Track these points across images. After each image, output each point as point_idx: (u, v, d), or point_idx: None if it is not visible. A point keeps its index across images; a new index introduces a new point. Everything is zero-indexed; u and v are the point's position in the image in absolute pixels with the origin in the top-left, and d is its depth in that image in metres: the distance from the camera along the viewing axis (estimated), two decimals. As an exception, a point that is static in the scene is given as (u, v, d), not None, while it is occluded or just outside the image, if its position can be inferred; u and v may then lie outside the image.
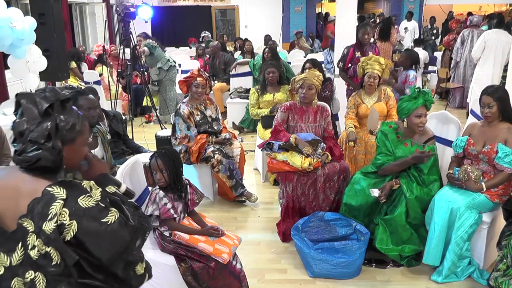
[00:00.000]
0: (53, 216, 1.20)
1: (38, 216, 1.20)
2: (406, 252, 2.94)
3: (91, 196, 1.26)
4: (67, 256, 1.22)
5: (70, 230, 1.21)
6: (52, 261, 1.22)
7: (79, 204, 1.23)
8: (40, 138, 1.27)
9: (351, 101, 4.04)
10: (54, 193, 1.22)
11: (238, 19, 13.17)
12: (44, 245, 1.21)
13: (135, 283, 1.33)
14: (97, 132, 2.99)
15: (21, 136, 1.30)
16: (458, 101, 7.59)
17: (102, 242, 1.23)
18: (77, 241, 1.22)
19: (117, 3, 8.72)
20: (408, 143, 3.00)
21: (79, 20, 10.37)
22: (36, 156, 1.26)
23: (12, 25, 4.31)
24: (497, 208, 2.84)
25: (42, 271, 1.23)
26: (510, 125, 2.88)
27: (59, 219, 1.20)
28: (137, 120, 6.80)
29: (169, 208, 2.49)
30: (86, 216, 1.23)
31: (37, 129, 1.27)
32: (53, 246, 1.21)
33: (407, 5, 12.51)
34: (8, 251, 1.22)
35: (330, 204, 3.33)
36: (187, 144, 3.85)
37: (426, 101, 2.95)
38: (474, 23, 7.33)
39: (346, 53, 4.86)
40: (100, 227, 1.23)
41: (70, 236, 1.21)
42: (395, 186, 2.97)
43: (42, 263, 1.22)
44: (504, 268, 2.50)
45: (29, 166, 1.28)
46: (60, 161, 1.31)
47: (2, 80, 5.55)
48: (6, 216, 1.24)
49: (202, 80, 3.88)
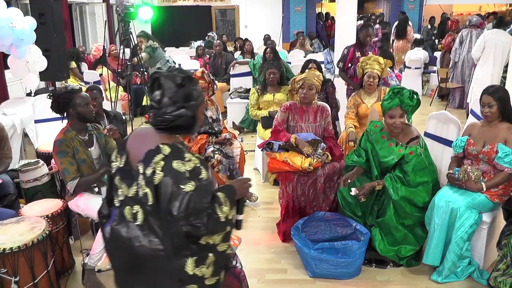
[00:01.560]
0: (153, 164, 1.54)
1: (146, 162, 1.55)
2: (403, 253, 2.95)
3: (184, 165, 1.54)
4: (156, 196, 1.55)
5: (157, 178, 1.52)
6: (148, 201, 1.55)
7: (172, 164, 1.53)
8: (181, 100, 1.61)
9: (351, 101, 4.05)
10: (162, 149, 1.56)
11: (238, 19, 13.16)
12: (146, 186, 1.55)
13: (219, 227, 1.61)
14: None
15: (158, 104, 1.61)
16: (458, 101, 7.59)
17: (172, 200, 1.51)
18: (156, 189, 1.53)
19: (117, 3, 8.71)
20: (392, 143, 2.99)
21: (79, 20, 10.37)
22: (177, 114, 1.61)
23: (12, 25, 4.31)
24: (497, 208, 2.84)
25: (142, 207, 1.58)
26: (510, 125, 2.88)
27: (155, 167, 1.53)
28: (137, 120, 6.80)
29: None
30: (172, 175, 1.52)
31: (176, 94, 1.61)
32: (148, 188, 1.54)
33: (407, 5, 12.49)
34: (128, 185, 1.62)
35: (330, 204, 3.33)
36: (187, 144, 3.85)
37: (402, 103, 2.87)
38: (473, 23, 7.32)
39: (346, 53, 4.86)
40: (175, 189, 1.51)
41: (156, 183, 1.53)
42: (378, 187, 2.96)
43: (143, 200, 1.56)
44: (504, 267, 2.50)
45: (166, 125, 1.62)
46: (194, 119, 1.67)
47: (2, 80, 5.54)
48: (134, 158, 1.64)
49: (203, 83, 3.88)
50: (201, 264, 1.62)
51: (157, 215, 1.56)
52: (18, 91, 5.83)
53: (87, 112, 2.89)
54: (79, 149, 2.84)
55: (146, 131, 1.71)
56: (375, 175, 3.03)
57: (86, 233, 3.47)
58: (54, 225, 2.84)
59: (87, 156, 2.87)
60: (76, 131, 2.87)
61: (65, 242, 2.98)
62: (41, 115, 4.31)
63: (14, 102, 5.12)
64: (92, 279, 2.78)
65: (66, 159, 2.75)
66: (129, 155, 1.68)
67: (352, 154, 3.18)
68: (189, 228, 1.53)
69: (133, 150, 1.67)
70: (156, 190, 1.54)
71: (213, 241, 1.64)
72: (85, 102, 2.88)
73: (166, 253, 1.57)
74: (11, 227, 2.57)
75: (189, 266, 1.60)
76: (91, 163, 2.89)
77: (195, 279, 1.61)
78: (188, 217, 1.52)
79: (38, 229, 2.54)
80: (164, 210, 1.53)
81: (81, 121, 2.90)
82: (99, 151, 3.00)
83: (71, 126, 2.88)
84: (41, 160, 3.44)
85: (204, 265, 1.62)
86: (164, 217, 1.54)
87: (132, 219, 1.61)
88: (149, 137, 1.64)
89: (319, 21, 13.13)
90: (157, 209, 1.55)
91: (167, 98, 1.60)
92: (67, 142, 2.79)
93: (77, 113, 2.86)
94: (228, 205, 1.63)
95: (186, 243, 1.59)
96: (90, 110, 2.91)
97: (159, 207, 1.55)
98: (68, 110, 2.85)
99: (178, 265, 1.59)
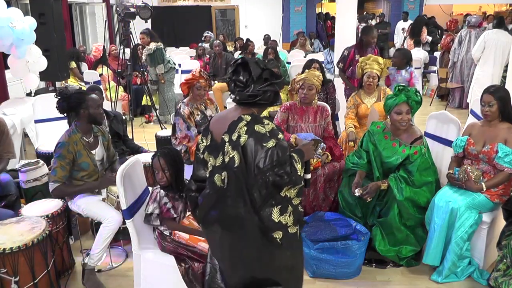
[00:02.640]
0: (238, 129, 1.84)
1: (231, 130, 1.85)
2: (403, 254, 2.95)
3: (263, 127, 1.85)
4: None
5: (243, 140, 1.82)
6: (235, 164, 1.81)
7: (254, 127, 1.84)
8: (270, 76, 1.91)
9: (351, 101, 4.04)
10: (244, 117, 1.86)
11: (238, 19, 13.16)
12: (232, 151, 1.83)
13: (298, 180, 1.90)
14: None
15: (245, 83, 1.90)
16: (457, 101, 7.59)
17: (258, 156, 1.80)
18: (243, 150, 1.81)
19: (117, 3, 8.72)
20: (396, 143, 2.99)
21: (79, 20, 10.36)
22: (266, 89, 1.90)
23: (12, 25, 4.31)
24: (497, 208, 2.84)
25: (229, 171, 1.84)
26: (510, 125, 2.87)
27: (240, 132, 1.83)
28: (137, 120, 6.80)
29: (169, 207, 2.50)
30: (255, 136, 1.83)
31: (263, 75, 1.89)
32: (236, 150, 1.81)
33: (407, 5, 12.49)
34: (215, 157, 1.92)
35: (330, 204, 3.33)
36: (187, 144, 3.85)
37: (408, 99, 2.91)
38: (472, 23, 7.32)
39: (346, 54, 4.85)
40: (259, 147, 1.81)
41: (242, 144, 1.81)
42: (383, 186, 2.97)
43: (230, 165, 1.83)
44: (504, 268, 2.50)
45: (253, 99, 1.90)
46: (277, 94, 1.95)
47: (2, 80, 5.55)
48: (218, 134, 1.93)
49: (203, 82, 3.89)
50: (284, 212, 1.90)
51: (244, 175, 1.82)
52: (18, 91, 5.84)
53: (98, 114, 2.93)
54: (82, 153, 2.83)
55: (225, 112, 2.06)
56: (377, 176, 3.02)
57: (86, 233, 3.47)
58: (54, 225, 2.84)
59: (90, 159, 2.87)
60: (81, 133, 2.87)
61: (65, 242, 2.98)
62: (41, 115, 4.32)
63: (14, 102, 5.12)
64: (92, 279, 2.78)
65: (61, 162, 2.75)
66: (212, 133, 2.00)
67: (353, 155, 3.18)
68: (275, 178, 1.81)
69: (216, 128, 1.99)
70: (242, 151, 1.82)
71: (290, 195, 1.92)
72: (97, 104, 2.93)
73: (254, 208, 1.84)
74: (11, 227, 2.57)
75: (275, 214, 1.88)
76: (94, 166, 2.90)
77: (280, 226, 1.89)
78: (273, 168, 1.81)
79: (38, 229, 2.54)
80: (251, 166, 1.81)
81: (90, 123, 2.92)
82: (103, 153, 3.01)
83: (77, 127, 2.88)
84: (41, 160, 3.44)
85: (286, 214, 1.90)
86: (251, 174, 1.81)
87: (221, 184, 1.88)
88: (230, 114, 1.96)
89: (319, 21, 13.14)
90: (244, 169, 1.82)
91: (255, 78, 1.89)
92: (70, 146, 2.78)
93: (89, 114, 2.87)
94: (300, 163, 1.93)
95: (272, 194, 1.86)
96: (100, 112, 2.96)
97: (246, 167, 1.82)
98: (80, 111, 2.85)
99: (266, 214, 1.86)
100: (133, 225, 2.50)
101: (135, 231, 2.51)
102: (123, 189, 2.43)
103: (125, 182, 2.44)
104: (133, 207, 2.53)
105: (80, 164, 2.83)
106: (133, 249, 2.56)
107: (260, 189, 1.83)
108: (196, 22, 12.80)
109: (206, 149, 2.01)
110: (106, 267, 3.04)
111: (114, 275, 3.00)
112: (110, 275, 3.00)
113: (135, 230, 2.51)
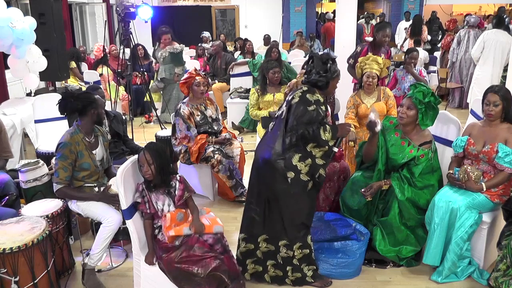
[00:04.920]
0: (295, 94, 2.66)
1: (291, 93, 2.71)
2: (403, 254, 2.95)
3: (312, 97, 2.61)
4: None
5: (294, 101, 2.62)
6: (283, 115, 2.66)
7: (306, 95, 2.62)
8: (322, 71, 2.66)
9: (351, 101, 4.04)
10: (303, 87, 2.69)
11: (238, 19, 13.16)
12: (285, 106, 2.67)
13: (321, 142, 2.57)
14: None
15: (309, 72, 2.69)
16: (457, 101, 7.59)
17: (301, 114, 2.56)
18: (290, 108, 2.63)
19: (117, 3, 8.70)
20: (405, 142, 2.98)
21: (79, 20, 10.36)
22: (320, 79, 2.66)
23: (12, 25, 4.32)
24: (497, 208, 2.84)
25: (277, 120, 2.71)
26: (510, 125, 2.87)
27: (295, 95, 2.65)
28: (137, 120, 6.80)
29: (145, 201, 2.53)
30: (302, 99, 2.61)
31: (321, 68, 2.65)
32: (286, 107, 2.65)
33: (407, 5, 12.49)
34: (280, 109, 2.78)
35: (330, 204, 3.33)
36: (187, 144, 3.85)
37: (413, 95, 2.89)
38: (471, 23, 7.32)
39: (359, 51, 4.79)
40: (303, 107, 2.57)
41: (292, 103, 2.62)
42: (385, 186, 2.96)
43: (281, 116, 2.68)
44: (504, 268, 2.50)
45: (311, 83, 2.68)
46: (328, 85, 2.70)
47: (2, 80, 5.55)
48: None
49: (201, 78, 3.90)
50: (302, 161, 2.57)
51: (283, 124, 2.61)
52: (18, 91, 5.84)
53: (102, 114, 2.98)
54: (84, 153, 2.83)
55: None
56: (378, 168, 3.02)
57: (86, 233, 3.47)
58: (54, 225, 2.84)
59: (91, 160, 2.87)
60: (84, 133, 2.87)
61: (65, 242, 2.98)
62: (41, 115, 4.31)
63: (14, 102, 5.12)
64: (92, 279, 2.78)
65: (63, 163, 2.75)
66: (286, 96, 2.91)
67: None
68: (303, 131, 2.52)
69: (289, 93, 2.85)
70: (290, 107, 2.61)
71: (314, 153, 2.58)
72: (102, 106, 2.97)
73: (283, 148, 2.59)
74: (11, 227, 2.56)
75: (295, 158, 2.56)
76: (95, 167, 2.90)
77: (295, 168, 2.57)
78: (306, 124, 2.53)
79: (38, 229, 2.53)
80: (292, 119, 2.57)
81: (95, 123, 2.93)
82: (103, 154, 3.01)
83: (80, 127, 2.88)
84: (41, 160, 3.44)
85: (303, 163, 2.57)
86: (290, 124, 2.56)
87: (270, 130, 2.76)
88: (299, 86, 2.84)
89: (319, 21, 13.14)
90: (285, 120, 2.60)
91: (316, 69, 2.65)
92: (72, 146, 2.78)
93: (98, 114, 2.88)
94: (330, 134, 2.55)
95: (298, 143, 2.55)
96: (104, 112, 3.02)
97: (287, 118, 2.60)
98: (90, 111, 2.85)
99: (289, 156, 2.57)
100: (133, 225, 2.50)
101: (135, 231, 2.51)
102: (123, 189, 2.43)
103: (125, 182, 2.44)
104: (133, 207, 2.53)
105: (82, 164, 2.82)
106: (133, 249, 2.57)
107: (291, 136, 2.55)
108: (196, 22, 12.79)
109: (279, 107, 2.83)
110: (106, 267, 3.04)
111: (114, 275, 3.00)
112: (110, 275, 3.00)
113: (135, 230, 2.51)
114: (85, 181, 2.88)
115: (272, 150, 2.61)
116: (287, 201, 2.62)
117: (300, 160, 2.55)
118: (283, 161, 2.56)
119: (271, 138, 2.67)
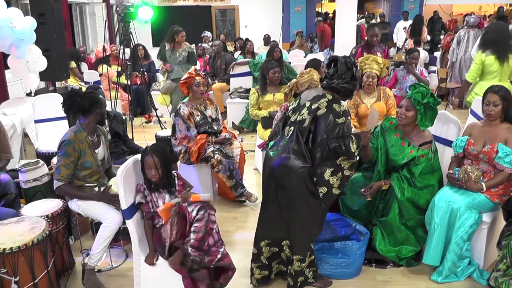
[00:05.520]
0: (319, 102, 2.49)
1: (313, 100, 2.52)
2: (403, 254, 2.95)
3: (339, 107, 2.48)
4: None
5: (320, 112, 2.46)
6: (304, 124, 2.50)
7: (332, 105, 2.47)
8: (347, 77, 2.53)
9: (351, 101, 4.05)
10: (327, 95, 2.51)
11: (238, 19, 13.16)
12: (307, 114, 2.50)
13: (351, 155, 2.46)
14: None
15: (332, 76, 2.54)
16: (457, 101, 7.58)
17: (331, 126, 2.42)
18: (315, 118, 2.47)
19: (117, 3, 8.70)
20: (405, 142, 2.98)
21: (79, 20, 10.36)
22: (343, 86, 2.53)
23: (12, 25, 4.31)
24: (497, 208, 2.84)
25: (294, 127, 2.55)
26: (510, 125, 2.88)
27: (320, 104, 2.48)
28: (137, 120, 6.80)
29: (148, 201, 2.54)
30: (330, 111, 2.45)
31: (346, 74, 2.51)
32: (309, 116, 2.48)
33: (407, 5, 12.48)
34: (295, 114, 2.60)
35: (330, 204, 3.32)
36: (187, 145, 3.85)
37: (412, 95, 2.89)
38: (471, 23, 7.31)
39: (354, 52, 4.84)
40: (333, 120, 2.43)
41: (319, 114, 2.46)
42: (385, 186, 2.96)
43: (300, 123, 2.52)
44: (504, 268, 2.50)
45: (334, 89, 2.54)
46: (351, 92, 2.60)
47: (2, 80, 5.55)
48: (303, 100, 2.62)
49: (201, 78, 3.90)
50: (334, 175, 2.47)
51: (306, 135, 2.47)
52: (18, 91, 5.84)
53: (104, 113, 2.99)
54: (87, 152, 2.84)
55: (314, 90, 2.71)
56: (378, 169, 3.02)
57: (86, 233, 3.47)
58: (54, 225, 2.84)
59: (94, 158, 2.88)
60: (87, 132, 2.88)
61: (65, 242, 2.98)
62: (41, 115, 4.32)
63: (14, 102, 5.12)
64: (92, 279, 2.78)
65: (66, 161, 2.75)
66: (300, 100, 2.65)
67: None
68: (336, 146, 2.39)
69: (304, 96, 2.65)
70: (315, 118, 2.46)
71: (343, 165, 2.47)
72: (104, 105, 2.97)
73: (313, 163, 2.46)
74: (11, 227, 2.57)
75: (327, 173, 2.46)
76: (97, 166, 2.91)
77: (327, 183, 2.47)
78: (338, 138, 2.40)
79: (38, 229, 2.53)
80: (321, 132, 2.42)
81: (98, 123, 2.94)
82: (104, 153, 3.01)
83: (83, 126, 2.88)
84: (41, 160, 3.44)
85: (335, 177, 2.47)
86: (319, 138, 2.43)
87: (287, 135, 2.57)
88: (317, 91, 2.60)
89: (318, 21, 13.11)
90: (308, 131, 2.47)
91: (339, 74, 2.51)
92: (76, 144, 2.78)
93: (101, 114, 2.90)
94: (355, 144, 2.47)
95: (330, 158, 2.43)
96: (105, 113, 3.01)
97: (314, 131, 2.46)
98: (94, 110, 2.86)
99: (320, 172, 2.46)
100: (133, 225, 2.50)
101: (135, 231, 2.51)
102: (123, 189, 2.43)
103: (125, 182, 2.44)
104: (133, 207, 2.53)
105: (84, 163, 2.83)
106: (133, 249, 2.57)
107: (322, 151, 2.42)
108: (196, 22, 12.79)
109: (292, 109, 2.67)
110: (106, 267, 3.04)
111: (114, 275, 3.01)
112: (110, 275, 3.00)
113: (135, 230, 2.51)
114: (86, 180, 2.88)
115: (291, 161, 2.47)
116: (304, 212, 2.55)
117: (332, 175, 2.45)
118: (313, 176, 2.46)
119: (288, 146, 2.51)
